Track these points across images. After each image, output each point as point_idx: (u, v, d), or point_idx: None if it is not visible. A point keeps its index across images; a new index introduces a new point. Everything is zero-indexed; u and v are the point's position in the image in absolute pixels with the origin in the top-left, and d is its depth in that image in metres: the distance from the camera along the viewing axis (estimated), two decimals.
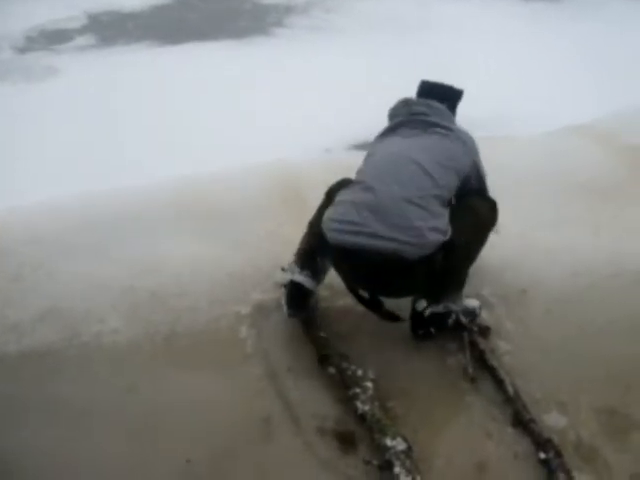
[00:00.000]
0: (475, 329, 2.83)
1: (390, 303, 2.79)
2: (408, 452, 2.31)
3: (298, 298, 2.92)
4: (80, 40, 8.03)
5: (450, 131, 2.84)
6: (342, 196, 2.73)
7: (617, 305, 3.08)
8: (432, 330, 2.79)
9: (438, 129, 2.82)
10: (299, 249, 2.97)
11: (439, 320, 2.78)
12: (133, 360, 2.78)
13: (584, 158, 4.39)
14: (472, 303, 2.91)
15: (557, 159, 4.36)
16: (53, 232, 3.49)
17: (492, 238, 2.90)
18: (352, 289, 2.79)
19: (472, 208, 2.80)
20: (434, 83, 3.05)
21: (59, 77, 6.51)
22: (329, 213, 2.71)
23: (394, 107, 3.02)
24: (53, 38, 8.11)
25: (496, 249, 3.00)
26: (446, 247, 2.59)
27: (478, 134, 3.04)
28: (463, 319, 2.82)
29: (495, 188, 3.05)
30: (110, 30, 8.39)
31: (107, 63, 6.89)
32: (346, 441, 2.44)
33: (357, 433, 2.46)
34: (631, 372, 2.72)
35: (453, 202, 2.79)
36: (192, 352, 2.83)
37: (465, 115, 3.03)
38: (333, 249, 2.67)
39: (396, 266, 2.55)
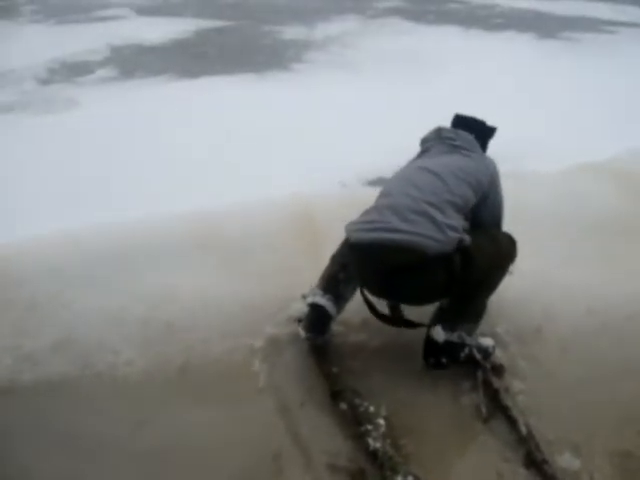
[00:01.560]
0: (489, 367, 2.82)
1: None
2: None
3: (318, 321, 2.93)
4: (101, 72, 8.17)
5: (473, 153, 2.92)
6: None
7: (632, 346, 3.05)
8: (444, 360, 2.78)
9: (462, 151, 2.91)
10: (322, 275, 2.99)
11: (452, 350, 2.77)
12: (145, 393, 2.77)
13: (599, 196, 4.38)
14: (486, 342, 2.89)
15: (572, 196, 4.36)
16: (68, 263, 3.51)
17: (507, 277, 2.90)
18: (370, 303, 2.83)
19: (493, 237, 2.83)
20: (466, 116, 3.14)
21: (79, 109, 6.63)
22: (351, 221, 2.77)
23: (426, 135, 3.13)
24: (75, 70, 8.26)
25: (511, 286, 2.99)
26: (464, 255, 2.61)
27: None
28: (477, 355, 2.80)
29: (509, 224, 3.06)
30: (131, 63, 8.54)
31: (127, 96, 7.02)
32: (357, 479, 2.42)
33: (368, 471, 2.44)
34: None
35: (468, 218, 2.81)
36: (204, 385, 2.83)
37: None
38: (355, 249, 2.70)
39: (416, 262, 2.56)
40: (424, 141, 3.13)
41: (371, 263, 2.66)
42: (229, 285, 3.40)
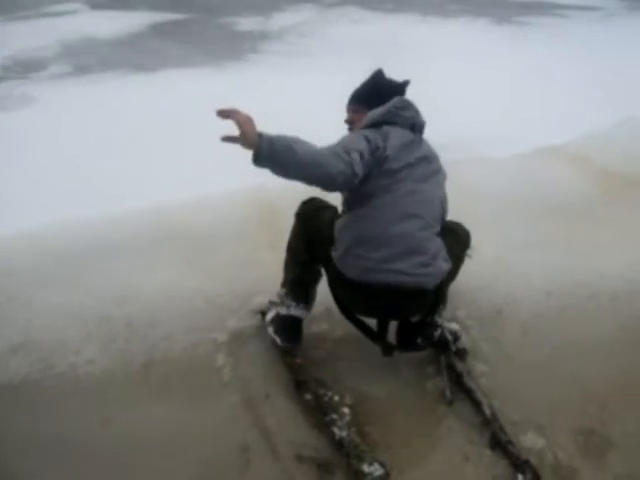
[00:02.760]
0: (453, 350, 2.84)
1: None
2: (385, 478, 2.30)
3: (295, 331, 2.93)
4: (55, 68, 8.03)
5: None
6: (352, 227, 2.60)
7: (591, 325, 3.10)
8: (419, 341, 2.80)
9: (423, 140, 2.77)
10: (288, 280, 2.93)
11: (426, 330, 2.79)
12: (108, 391, 2.74)
13: (557, 180, 4.45)
14: (453, 326, 2.92)
15: (530, 181, 4.42)
16: (28, 263, 3.46)
17: (466, 262, 2.92)
18: (353, 318, 2.80)
19: (453, 231, 2.81)
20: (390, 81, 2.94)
21: (34, 105, 6.50)
22: (343, 247, 2.59)
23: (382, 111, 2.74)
24: (28, 66, 8.12)
25: (470, 271, 3.01)
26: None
27: (451, 156, 3.07)
28: (448, 336, 2.83)
29: (468, 210, 3.08)
30: (85, 58, 8.41)
31: (82, 91, 6.91)
32: (324, 468, 2.42)
33: (335, 459, 2.44)
34: (607, 392, 2.74)
35: None
36: (168, 381, 2.81)
37: (438, 137, 3.04)
38: (351, 285, 2.61)
39: (415, 296, 2.61)
40: (386, 114, 2.70)
41: (368, 298, 2.64)
42: (192, 280, 3.38)
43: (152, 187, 4.35)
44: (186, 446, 2.51)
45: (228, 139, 2.17)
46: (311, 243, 2.78)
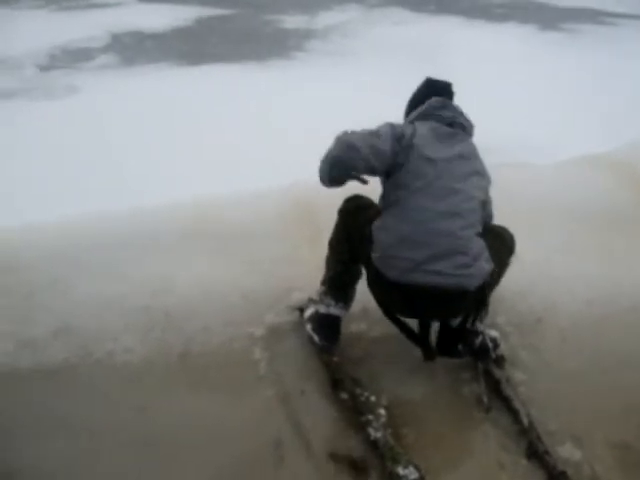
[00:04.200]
0: (493, 357, 2.82)
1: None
2: None
3: (334, 330, 2.92)
4: (101, 59, 8.14)
5: (470, 137, 2.81)
6: (390, 227, 2.59)
7: (632, 336, 3.05)
8: (459, 347, 2.76)
9: (466, 139, 2.76)
10: (328, 277, 2.92)
11: (467, 337, 2.76)
12: (145, 380, 2.76)
13: (598, 188, 4.37)
14: (493, 333, 2.89)
15: (571, 188, 4.35)
16: (67, 250, 3.48)
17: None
18: (396, 319, 2.73)
19: (498, 235, 2.78)
20: (442, 82, 2.97)
21: (79, 95, 6.60)
22: (382, 247, 2.57)
23: (425, 108, 2.81)
24: (75, 57, 8.24)
25: (511, 278, 2.97)
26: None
27: (493, 161, 3.02)
28: (489, 343, 2.80)
29: (510, 216, 3.04)
30: (131, 50, 8.52)
31: (127, 83, 6.99)
32: (358, 468, 2.41)
33: (369, 460, 2.43)
34: None
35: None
36: (205, 373, 2.82)
37: (480, 141, 3.02)
38: (391, 286, 2.57)
39: (456, 297, 2.55)
40: (422, 112, 2.80)
41: (409, 299, 2.58)
42: (229, 274, 3.38)
43: (194, 179, 4.38)
44: (220, 439, 2.51)
45: None
46: (351, 242, 2.76)
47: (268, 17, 10.77)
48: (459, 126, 2.75)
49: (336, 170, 2.55)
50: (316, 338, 2.90)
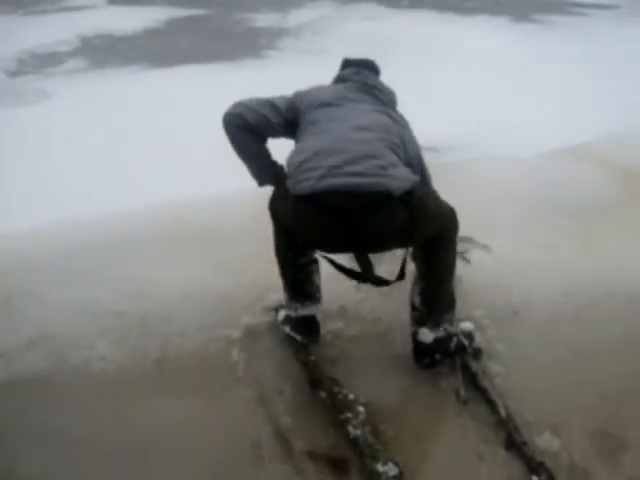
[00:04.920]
0: (469, 352, 2.82)
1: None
2: (400, 478, 2.29)
3: (312, 327, 2.91)
4: (71, 63, 8.06)
5: (395, 112, 2.80)
6: (305, 147, 2.53)
7: (608, 327, 3.06)
8: (437, 357, 2.75)
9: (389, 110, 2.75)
10: (286, 283, 2.89)
11: (442, 345, 2.75)
12: (122, 387, 2.74)
13: (577, 179, 4.41)
14: (467, 326, 2.89)
15: (551, 180, 4.38)
16: (41, 257, 3.46)
17: (482, 259, 2.90)
18: (334, 262, 2.66)
19: (434, 196, 2.67)
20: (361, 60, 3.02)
21: (50, 101, 6.53)
22: (296, 165, 2.48)
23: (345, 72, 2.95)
24: (44, 61, 8.15)
25: (487, 270, 2.99)
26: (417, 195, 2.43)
27: (471, 154, 3.03)
28: (464, 341, 2.80)
29: (488, 208, 3.05)
30: (101, 53, 8.44)
31: (98, 86, 6.93)
32: (337, 466, 2.41)
33: (349, 458, 2.43)
34: (623, 393, 2.70)
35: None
36: (182, 377, 2.80)
37: (458, 135, 3.03)
38: (308, 202, 2.40)
39: (380, 202, 2.36)
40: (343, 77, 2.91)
41: (330, 211, 2.39)
42: (204, 276, 3.37)
43: (167, 182, 4.36)
44: (199, 442, 2.50)
45: None
46: (285, 234, 2.71)
47: (240, 16, 10.73)
48: (373, 89, 2.77)
49: (230, 129, 2.76)
50: (298, 337, 2.89)
